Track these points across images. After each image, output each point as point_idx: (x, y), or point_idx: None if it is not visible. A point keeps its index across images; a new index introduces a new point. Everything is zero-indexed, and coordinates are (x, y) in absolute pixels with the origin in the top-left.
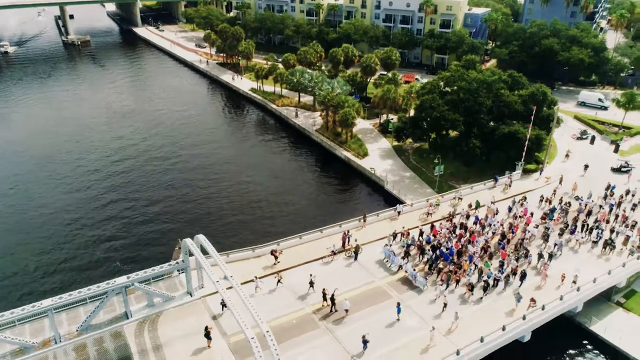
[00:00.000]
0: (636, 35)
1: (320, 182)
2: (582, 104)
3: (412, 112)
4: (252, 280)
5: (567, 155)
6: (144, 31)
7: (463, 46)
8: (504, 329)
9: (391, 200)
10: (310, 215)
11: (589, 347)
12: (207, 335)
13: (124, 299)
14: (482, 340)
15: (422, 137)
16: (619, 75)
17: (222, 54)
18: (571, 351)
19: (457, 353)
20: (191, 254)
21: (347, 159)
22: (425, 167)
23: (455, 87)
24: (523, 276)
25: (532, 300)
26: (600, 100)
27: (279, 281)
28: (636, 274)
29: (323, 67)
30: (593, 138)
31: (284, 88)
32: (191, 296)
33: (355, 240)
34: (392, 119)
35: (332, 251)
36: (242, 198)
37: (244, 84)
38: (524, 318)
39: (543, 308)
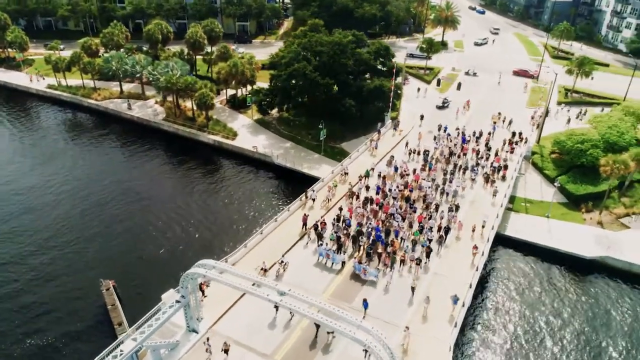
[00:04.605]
0: None
1: (201, 172)
2: (411, 56)
3: (259, 84)
4: None
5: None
6: None
7: (266, 11)
8: (483, 253)
9: (280, 174)
10: (223, 207)
11: (514, 248)
12: None
13: None
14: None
15: (296, 106)
16: (400, 26)
17: None
18: (506, 255)
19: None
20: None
21: (217, 142)
22: (300, 135)
23: (317, 52)
24: (447, 230)
25: (475, 247)
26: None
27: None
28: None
29: (137, 48)
30: (439, 81)
31: (96, 79)
32: (197, 333)
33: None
34: (235, 92)
35: (262, 268)
36: (130, 220)
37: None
38: (488, 240)
39: (493, 227)
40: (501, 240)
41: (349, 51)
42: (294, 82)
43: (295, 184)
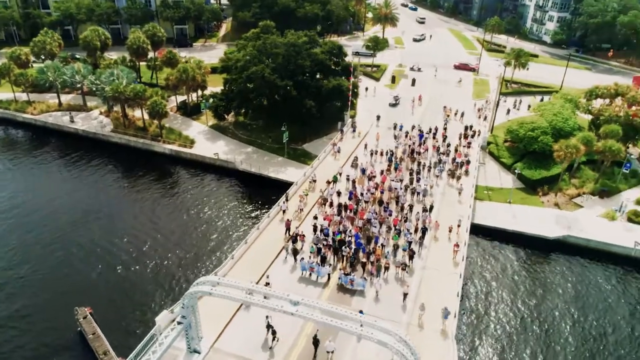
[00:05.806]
0: None
1: (161, 184)
2: (357, 54)
3: (210, 89)
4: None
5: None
6: None
7: (206, 13)
8: (465, 243)
9: (246, 180)
10: (190, 219)
11: (483, 235)
12: None
13: None
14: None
15: (254, 109)
16: (341, 24)
17: None
18: (476, 242)
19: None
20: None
21: (174, 152)
22: (259, 139)
23: (273, 54)
24: (424, 231)
25: (456, 245)
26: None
27: None
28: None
29: (72, 56)
30: (394, 78)
31: (29, 91)
32: (199, 353)
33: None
34: (186, 98)
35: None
36: (87, 240)
37: None
38: (466, 230)
39: (469, 217)
40: (470, 228)
41: (304, 52)
42: (250, 85)
43: (262, 188)
